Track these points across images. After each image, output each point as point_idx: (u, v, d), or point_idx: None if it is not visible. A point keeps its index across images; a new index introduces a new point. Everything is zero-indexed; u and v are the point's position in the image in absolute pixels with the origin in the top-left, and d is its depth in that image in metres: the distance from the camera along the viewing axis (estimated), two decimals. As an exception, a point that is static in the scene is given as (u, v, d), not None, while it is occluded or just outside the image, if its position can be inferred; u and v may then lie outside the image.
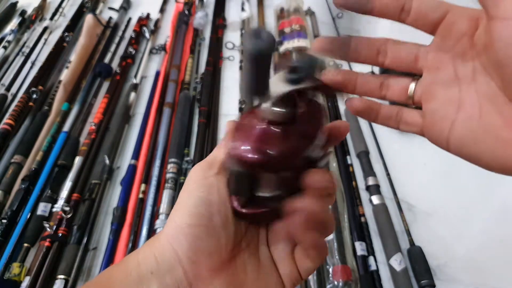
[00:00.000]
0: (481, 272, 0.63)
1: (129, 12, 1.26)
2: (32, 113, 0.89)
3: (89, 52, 1.05)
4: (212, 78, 0.97)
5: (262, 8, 1.20)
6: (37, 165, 0.77)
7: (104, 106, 0.89)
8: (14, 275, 0.61)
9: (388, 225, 0.66)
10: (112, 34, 1.14)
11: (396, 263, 0.61)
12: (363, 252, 0.64)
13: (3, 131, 0.84)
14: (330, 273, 0.60)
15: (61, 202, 0.71)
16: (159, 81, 0.96)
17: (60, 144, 0.81)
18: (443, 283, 0.62)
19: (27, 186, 0.73)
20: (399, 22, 0.25)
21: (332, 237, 0.63)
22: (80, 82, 0.98)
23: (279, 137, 0.24)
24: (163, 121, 0.86)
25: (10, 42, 1.13)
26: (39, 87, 0.95)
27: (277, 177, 0.26)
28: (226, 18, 1.18)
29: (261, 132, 0.24)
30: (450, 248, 0.66)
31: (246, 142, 0.24)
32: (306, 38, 1.01)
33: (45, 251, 0.64)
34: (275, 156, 0.24)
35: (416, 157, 0.80)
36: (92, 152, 0.80)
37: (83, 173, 0.76)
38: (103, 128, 0.85)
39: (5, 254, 0.64)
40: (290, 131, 0.24)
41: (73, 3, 1.30)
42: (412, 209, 0.71)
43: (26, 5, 1.29)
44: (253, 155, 0.24)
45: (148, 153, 0.80)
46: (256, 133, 0.25)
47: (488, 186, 0.74)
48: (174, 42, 1.08)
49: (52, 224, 0.67)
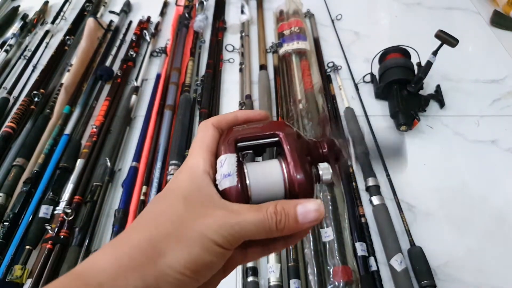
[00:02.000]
0: (482, 272, 0.63)
1: (130, 15, 1.26)
2: (33, 116, 0.90)
3: (90, 55, 1.06)
4: (213, 80, 0.97)
5: (261, 10, 1.20)
6: (39, 168, 0.77)
7: (106, 108, 0.90)
8: (16, 277, 0.61)
9: (389, 226, 0.66)
10: (113, 37, 1.15)
11: (396, 264, 0.61)
12: (364, 253, 0.64)
13: (5, 134, 0.84)
14: (331, 274, 0.60)
15: (63, 204, 0.71)
16: (160, 84, 0.96)
17: (62, 146, 0.82)
18: (444, 283, 0.62)
19: (29, 188, 0.73)
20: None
21: (333, 237, 0.64)
22: (82, 85, 0.98)
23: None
24: (164, 123, 0.87)
25: (12, 46, 1.13)
26: (40, 90, 0.95)
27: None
28: (226, 21, 1.19)
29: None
30: (450, 248, 0.66)
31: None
32: (306, 40, 1.02)
33: (47, 253, 0.64)
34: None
35: (416, 157, 0.80)
36: (94, 154, 0.80)
37: (85, 175, 0.76)
38: (105, 130, 0.85)
39: (7, 257, 0.64)
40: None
41: (74, 6, 1.31)
42: (412, 209, 0.72)
43: (27, 9, 1.30)
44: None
45: (149, 155, 0.81)
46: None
47: (488, 186, 0.75)
48: (174, 45, 1.08)
49: (54, 226, 0.67)
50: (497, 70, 0.99)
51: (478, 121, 0.87)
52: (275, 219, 0.22)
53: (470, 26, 1.14)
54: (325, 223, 0.66)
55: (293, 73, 0.95)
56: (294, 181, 0.24)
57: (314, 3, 1.20)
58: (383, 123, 0.86)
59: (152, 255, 0.21)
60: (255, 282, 0.61)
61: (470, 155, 0.80)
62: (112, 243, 0.23)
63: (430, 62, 0.81)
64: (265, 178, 0.25)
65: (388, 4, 1.24)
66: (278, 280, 0.61)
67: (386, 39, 1.09)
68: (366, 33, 1.11)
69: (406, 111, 0.82)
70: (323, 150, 0.27)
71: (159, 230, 0.22)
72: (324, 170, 0.26)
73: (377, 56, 0.93)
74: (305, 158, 0.25)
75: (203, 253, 0.21)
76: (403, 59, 0.88)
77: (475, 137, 0.84)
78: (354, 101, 0.92)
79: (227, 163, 0.24)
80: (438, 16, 1.18)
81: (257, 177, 0.25)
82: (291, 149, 0.25)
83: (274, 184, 0.25)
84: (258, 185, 0.25)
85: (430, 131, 0.85)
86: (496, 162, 0.79)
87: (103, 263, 0.21)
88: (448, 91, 0.92)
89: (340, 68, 0.99)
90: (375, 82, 0.93)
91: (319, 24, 1.14)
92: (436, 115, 0.88)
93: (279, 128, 0.27)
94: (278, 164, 0.25)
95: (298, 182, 0.24)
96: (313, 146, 0.28)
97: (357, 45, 1.07)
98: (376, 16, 1.21)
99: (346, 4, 1.22)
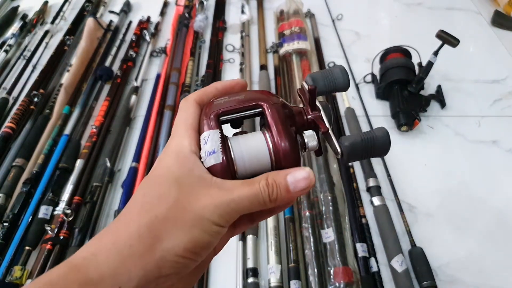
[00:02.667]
0: (483, 272, 0.63)
1: (130, 15, 1.26)
2: (33, 116, 0.90)
3: (90, 55, 1.06)
4: (213, 80, 0.97)
5: (262, 10, 1.20)
6: (39, 168, 0.77)
7: (105, 109, 0.90)
8: (16, 278, 0.61)
9: (389, 226, 0.66)
10: (113, 37, 1.14)
11: (397, 264, 0.61)
12: (364, 254, 0.64)
13: (5, 134, 0.84)
14: (332, 275, 0.60)
15: (63, 205, 0.71)
16: (160, 84, 0.96)
17: (62, 147, 0.82)
18: (444, 284, 0.62)
19: (28, 189, 0.73)
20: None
21: (333, 238, 0.63)
22: (81, 85, 0.98)
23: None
24: (164, 123, 0.86)
25: (12, 46, 1.13)
26: (40, 90, 0.95)
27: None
28: (226, 21, 1.19)
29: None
30: (451, 249, 0.66)
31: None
32: (306, 40, 1.02)
33: (47, 254, 0.64)
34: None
35: (416, 158, 0.80)
36: (93, 155, 0.80)
37: (84, 176, 0.76)
38: (104, 131, 0.85)
39: (7, 257, 0.64)
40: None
41: (74, 6, 1.30)
42: (413, 210, 0.71)
43: (27, 9, 1.30)
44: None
45: (149, 155, 0.80)
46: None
47: (489, 187, 0.74)
48: (174, 45, 1.08)
49: (53, 227, 0.67)
50: (498, 70, 0.99)
51: (479, 121, 0.87)
52: (267, 192, 0.23)
53: (471, 26, 1.14)
54: (326, 224, 0.66)
55: (293, 73, 0.95)
56: (280, 151, 0.24)
57: (314, 3, 1.20)
58: (384, 123, 0.85)
59: (152, 241, 0.21)
60: (255, 283, 0.60)
61: (471, 155, 0.80)
62: (108, 231, 0.22)
63: (431, 62, 0.80)
64: (250, 152, 0.25)
65: (389, 4, 1.24)
66: (278, 281, 0.60)
67: (387, 39, 1.09)
68: (366, 33, 1.11)
69: (407, 111, 0.82)
70: (307, 116, 0.27)
71: (156, 216, 0.22)
72: (309, 137, 0.26)
73: (377, 56, 0.93)
74: (290, 128, 0.25)
75: (202, 234, 0.22)
76: (404, 59, 0.88)
77: (476, 137, 0.83)
78: (355, 101, 0.91)
79: (211, 139, 0.24)
80: (439, 16, 1.18)
81: (241, 151, 0.25)
82: (274, 119, 0.25)
83: (259, 157, 0.25)
84: (243, 160, 0.24)
85: (431, 131, 0.85)
86: (497, 163, 0.79)
87: (103, 254, 0.21)
88: (449, 91, 0.92)
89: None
90: (376, 82, 0.93)
91: (319, 24, 1.14)
92: (437, 115, 0.88)
93: (262, 99, 0.26)
94: (262, 135, 0.25)
95: (283, 151, 0.24)
96: (298, 113, 0.27)
97: (357, 45, 1.07)
98: (376, 16, 1.21)
99: (347, 4, 1.22)
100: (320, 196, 0.70)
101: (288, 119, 0.26)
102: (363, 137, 0.26)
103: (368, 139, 0.26)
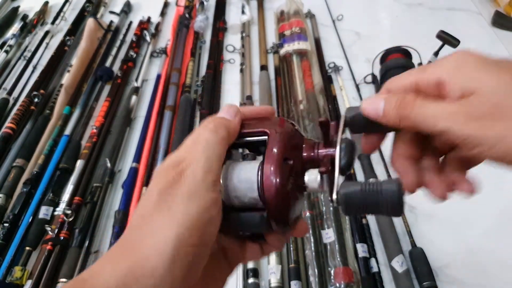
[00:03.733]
0: (484, 273, 0.63)
1: (130, 15, 1.26)
2: (33, 116, 0.90)
3: (90, 55, 1.06)
4: (213, 81, 0.97)
5: (262, 11, 1.20)
6: (39, 169, 0.77)
7: (106, 109, 0.90)
8: (16, 278, 0.61)
9: (390, 227, 0.66)
10: (113, 38, 1.14)
11: (398, 265, 0.61)
12: (365, 254, 0.63)
13: (5, 134, 0.84)
14: (332, 275, 0.59)
15: (63, 205, 0.71)
16: (160, 84, 0.96)
17: (62, 147, 0.82)
18: (445, 285, 0.62)
19: (28, 189, 0.73)
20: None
21: (334, 239, 0.63)
22: (82, 85, 0.98)
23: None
24: (164, 124, 0.86)
25: (12, 46, 1.13)
26: (40, 91, 0.95)
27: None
28: (227, 21, 1.18)
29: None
30: (452, 249, 0.66)
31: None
32: (307, 40, 1.02)
33: (47, 254, 0.64)
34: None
35: (417, 158, 0.80)
36: (94, 155, 0.80)
37: (85, 176, 0.76)
38: (105, 131, 0.85)
39: (7, 258, 0.64)
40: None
41: (74, 7, 1.30)
42: (413, 210, 0.71)
43: (27, 9, 1.30)
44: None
45: (149, 156, 0.80)
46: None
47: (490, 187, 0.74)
48: (175, 45, 1.08)
49: (53, 227, 0.67)
50: (499, 71, 0.99)
51: (480, 121, 0.87)
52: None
53: (472, 26, 1.14)
54: (326, 224, 0.66)
55: (294, 74, 0.95)
56: (264, 184, 0.24)
57: (315, 4, 1.20)
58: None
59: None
60: (255, 284, 0.60)
61: (472, 156, 0.80)
62: (120, 248, 0.22)
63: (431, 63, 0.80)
64: (238, 178, 0.25)
65: (389, 4, 1.24)
66: (278, 281, 0.60)
67: (387, 39, 1.09)
68: (367, 33, 1.11)
69: (407, 112, 0.82)
70: (317, 151, 0.26)
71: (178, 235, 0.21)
72: (310, 176, 0.24)
73: (378, 56, 0.93)
74: (281, 162, 0.24)
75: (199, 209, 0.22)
76: (404, 59, 0.88)
77: (477, 137, 0.83)
78: (355, 101, 0.91)
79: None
80: (440, 16, 1.17)
81: (231, 176, 0.25)
82: (271, 150, 0.24)
83: (246, 185, 0.24)
84: (229, 185, 0.25)
85: (431, 131, 0.85)
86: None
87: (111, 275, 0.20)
88: (449, 92, 0.91)
89: (341, 69, 0.99)
90: (377, 82, 0.92)
91: (320, 24, 1.14)
92: (437, 115, 0.88)
93: (272, 126, 0.25)
94: (258, 165, 0.25)
95: (267, 186, 0.23)
96: (309, 147, 0.26)
97: (358, 46, 1.07)
98: (377, 17, 1.21)
99: (347, 4, 1.21)
100: (321, 197, 0.70)
101: (291, 152, 0.25)
102: (363, 188, 0.22)
103: (370, 191, 0.22)
